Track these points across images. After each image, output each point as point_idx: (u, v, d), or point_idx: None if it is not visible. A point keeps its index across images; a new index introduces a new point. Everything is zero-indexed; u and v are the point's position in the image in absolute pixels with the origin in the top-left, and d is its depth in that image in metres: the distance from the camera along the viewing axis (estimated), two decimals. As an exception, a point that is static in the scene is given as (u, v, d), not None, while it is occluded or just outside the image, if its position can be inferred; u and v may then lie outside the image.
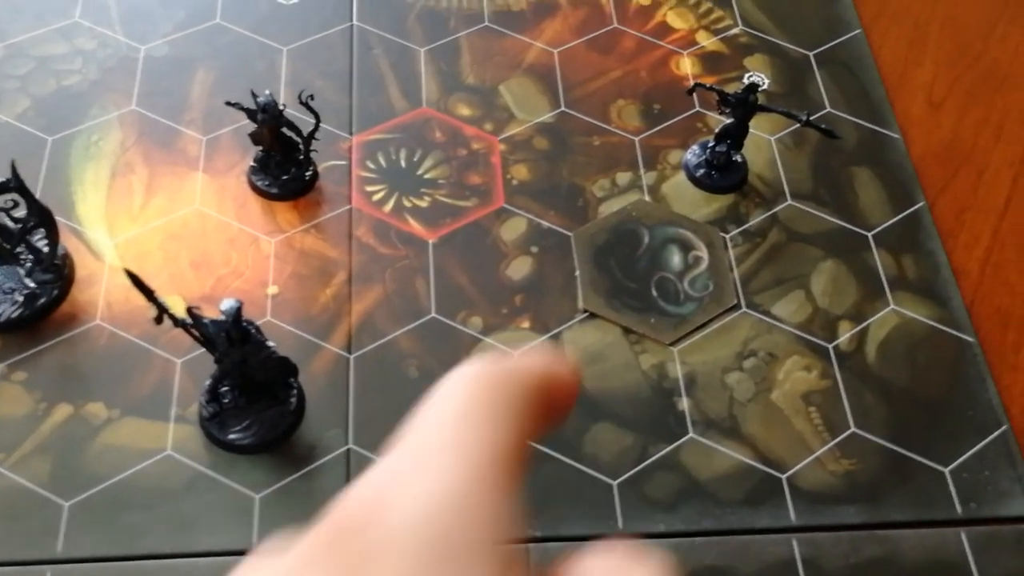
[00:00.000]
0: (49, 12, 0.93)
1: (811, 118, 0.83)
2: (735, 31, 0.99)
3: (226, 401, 0.70)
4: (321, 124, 0.82)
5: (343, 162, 0.86)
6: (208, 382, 0.71)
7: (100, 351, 0.74)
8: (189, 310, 0.65)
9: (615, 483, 0.71)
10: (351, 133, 0.88)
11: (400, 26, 0.96)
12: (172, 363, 0.74)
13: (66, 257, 0.76)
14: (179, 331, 0.73)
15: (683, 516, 0.70)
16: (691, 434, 0.74)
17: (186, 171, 0.84)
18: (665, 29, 0.99)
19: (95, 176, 0.83)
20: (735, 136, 0.85)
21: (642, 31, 0.98)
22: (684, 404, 0.75)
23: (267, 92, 0.78)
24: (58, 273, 0.75)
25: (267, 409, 0.71)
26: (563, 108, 0.92)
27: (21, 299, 0.74)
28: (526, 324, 0.78)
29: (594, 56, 0.96)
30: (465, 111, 0.91)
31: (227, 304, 0.63)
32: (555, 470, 0.71)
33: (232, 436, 0.70)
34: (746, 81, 0.83)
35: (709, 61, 0.97)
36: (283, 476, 0.70)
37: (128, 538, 0.66)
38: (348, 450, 0.71)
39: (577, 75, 0.94)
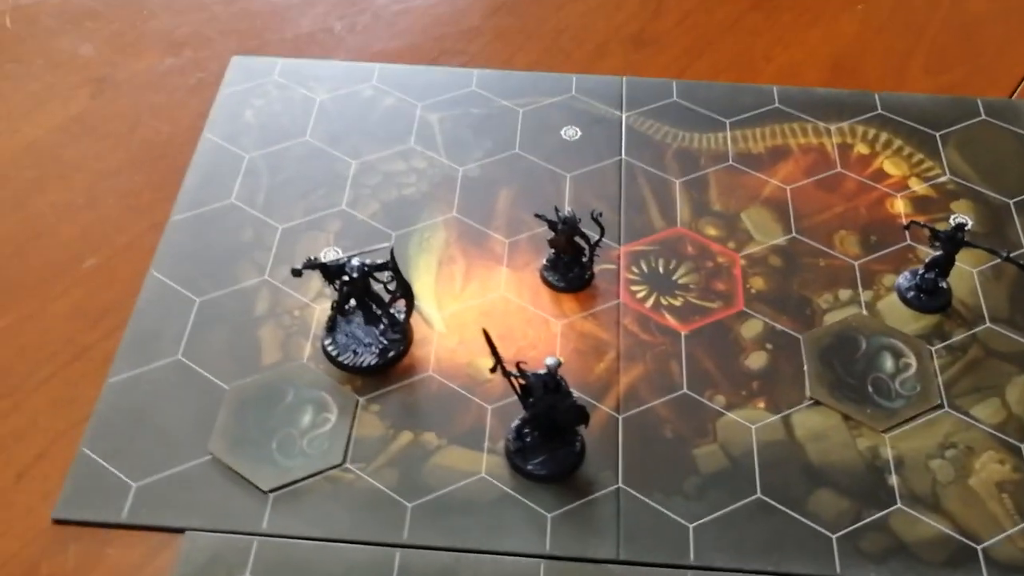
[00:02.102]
0: (392, 138, 1.21)
1: (1011, 255, 0.99)
2: (943, 179, 1.17)
3: (528, 440, 0.92)
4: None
5: (613, 266, 1.08)
6: (515, 423, 0.93)
7: (432, 395, 0.97)
8: (518, 364, 0.87)
9: (834, 536, 0.87)
10: (620, 244, 1.10)
11: (659, 161, 1.19)
12: (485, 408, 0.96)
13: (408, 323, 1.01)
14: (490, 384, 0.96)
15: (891, 568, 0.85)
16: (899, 504, 0.89)
17: (493, 265, 1.08)
18: (881, 174, 1.18)
19: (427, 264, 1.08)
20: (942, 266, 1.02)
21: (862, 175, 1.18)
22: (893, 480, 0.91)
23: (569, 208, 1.02)
24: (404, 335, 1.00)
25: (558, 449, 0.91)
26: (794, 234, 1.11)
27: (377, 351, 0.99)
28: (761, 405, 0.97)
29: (821, 193, 1.16)
30: (712, 232, 1.12)
31: (552, 360, 0.85)
32: (784, 521, 0.88)
33: (531, 467, 0.91)
34: (954, 221, 1.01)
35: (919, 203, 1.14)
36: (569, 502, 0.90)
37: (454, 535, 0.87)
38: (618, 488, 0.91)
39: (806, 208, 1.14)
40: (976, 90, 1.28)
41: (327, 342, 1.00)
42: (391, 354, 0.99)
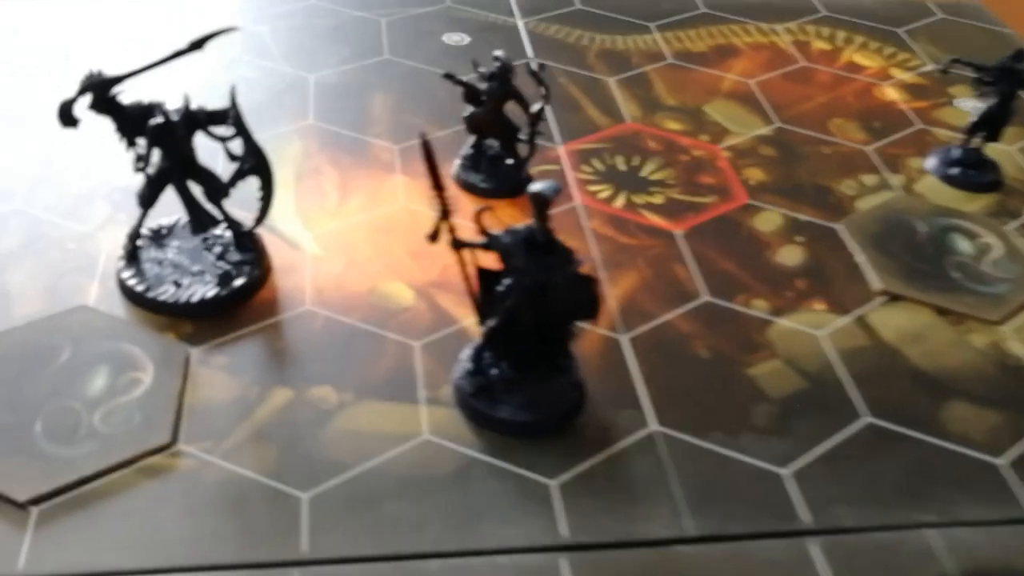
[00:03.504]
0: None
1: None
2: (929, 68, 0.93)
3: (493, 372, 0.55)
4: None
5: (556, 167, 0.75)
6: (469, 350, 0.56)
7: (316, 336, 0.59)
8: (478, 215, 0.51)
9: (999, 460, 0.55)
10: (558, 143, 0.78)
11: (581, 62, 0.89)
12: (408, 346, 0.58)
13: (259, 240, 0.63)
14: (410, 314, 0.60)
15: (1105, 492, 0.53)
16: (1069, 408, 0.58)
17: (382, 174, 0.73)
18: (855, 67, 0.93)
19: (281, 179, 0.70)
20: (995, 120, 0.76)
21: (833, 67, 0.92)
22: (1044, 378, 0.60)
23: (500, 53, 0.68)
24: (258, 251, 0.61)
25: (544, 383, 0.55)
26: (779, 124, 0.83)
27: (215, 279, 0.59)
28: (820, 306, 0.64)
29: (793, 86, 0.89)
30: (675, 126, 0.81)
31: (546, 185, 0.49)
32: (919, 449, 0.55)
33: (505, 415, 0.53)
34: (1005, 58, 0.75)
35: (912, 90, 0.90)
36: (580, 460, 0.52)
37: (395, 534, 0.48)
38: (651, 432, 0.55)
39: (782, 100, 0.86)
40: (919, -5, 1.08)
41: (127, 274, 0.60)
42: (238, 281, 0.60)
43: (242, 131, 0.57)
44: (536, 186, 0.49)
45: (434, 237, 0.52)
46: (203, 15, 0.92)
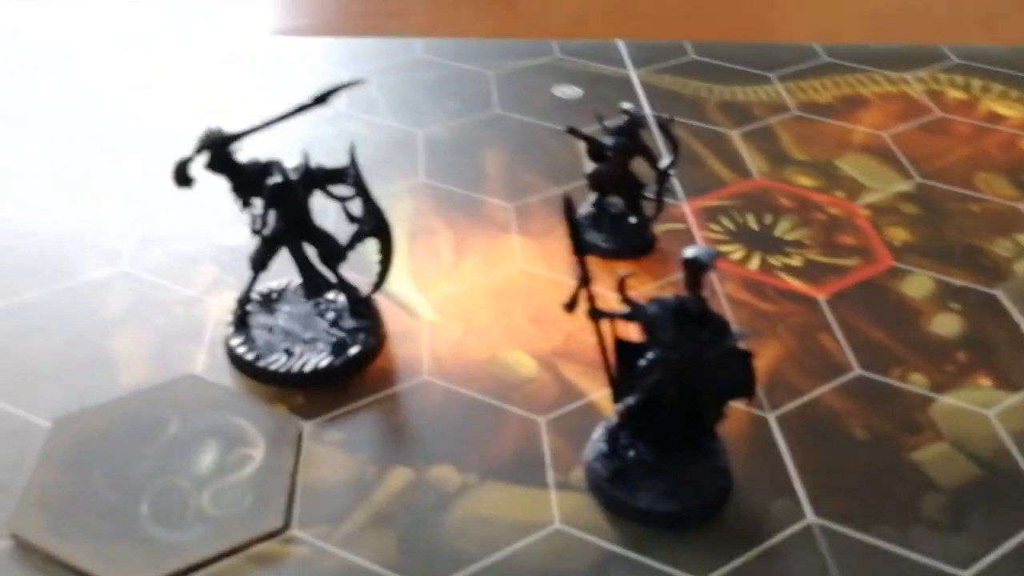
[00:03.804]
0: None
1: None
2: (1077, 117, 0.87)
3: (629, 454, 0.50)
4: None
5: (682, 226, 0.70)
6: (603, 431, 0.51)
7: (434, 409, 0.54)
8: (621, 284, 0.46)
9: None
10: (682, 200, 0.73)
11: (701, 114, 0.84)
12: (533, 421, 0.54)
13: (375, 306, 0.59)
14: (533, 385, 0.55)
15: None
16: None
17: (498, 234, 0.69)
18: (996, 117, 0.87)
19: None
20: None
21: (971, 118, 0.86)
22: None
23: (629, 106, 0.64)
24: (373, 317, 0.58)
25: (686, 467, 0.50)
26: (919, 179, 0.77)
27: (328, 347, 0.56)
28: (986, 382, 0.58)
29: (930, 138, 0.83)
30: (806, 181, 0.76)
31: (701, 250, 0.44)
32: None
33: (646, 503, 0.48)
34: None
35: (1063, 142, 0.83)
36: (731, 557, 0.47)
37: (530, 637, 0.43)
38: (809, 525, 0.49)
39: (919, 153, 0.81)
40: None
41: (237, 342, 0.56)
42: (353, 350, 0.56)
43: (362, 191, 0.54)
44: (691, 251, 0.44)
45: (572, 306, 0.47)
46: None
